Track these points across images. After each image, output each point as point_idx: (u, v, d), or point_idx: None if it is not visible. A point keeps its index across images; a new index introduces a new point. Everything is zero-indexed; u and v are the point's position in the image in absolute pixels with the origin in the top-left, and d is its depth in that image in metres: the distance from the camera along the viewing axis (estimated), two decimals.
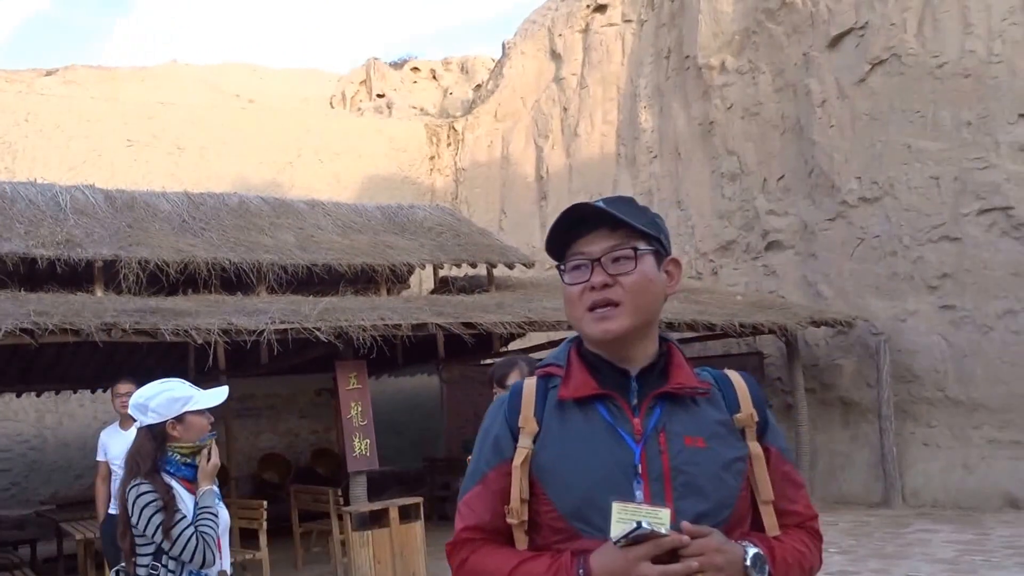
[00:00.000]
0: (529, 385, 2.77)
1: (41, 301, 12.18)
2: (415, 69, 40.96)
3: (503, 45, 32.63)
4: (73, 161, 26.74)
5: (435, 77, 40.49)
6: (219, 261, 15.68)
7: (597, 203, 2.64)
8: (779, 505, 2.68)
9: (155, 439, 5.30)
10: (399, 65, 41.49)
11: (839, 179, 18.93)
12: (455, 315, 14.45)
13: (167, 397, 5.32)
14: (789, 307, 18.59)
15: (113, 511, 10.00)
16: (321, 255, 16.95)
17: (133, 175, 25.60)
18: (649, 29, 25.45)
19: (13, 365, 16.42)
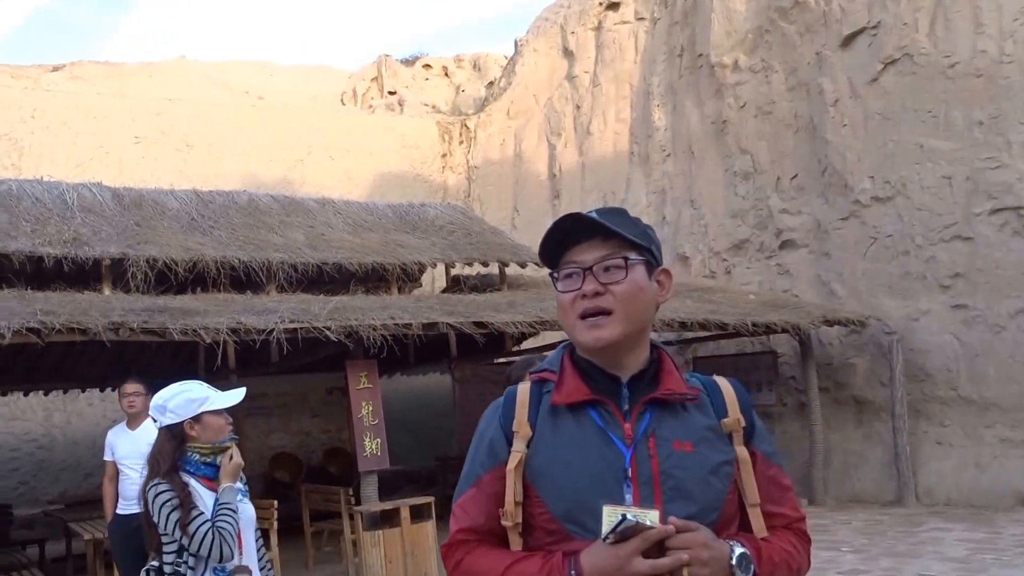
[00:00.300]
0: (523, 390, 2.83)
1: (48, 300, 12.11)
2: (427, 66, 40.75)
3: (515, 42, 32.69)
4: (80, 158, 26.66)
5: (447, 74, 40.32)
6: (228, 260, 15.65)
7: (590, 214, 2.70)
8: (766, 508, 2.75)
9: (174, 439, 5.47)
10: (411, 62, 41.33)
11: (852, 178, 18.91)
12: (466, 314, 14.40)
13: (184, 398, 5.49)
14: (802, 306, 18.55)
15: (121, 511, 10.06)
16: (332, 254, 16.92)
17: (141, 172, 25.47)
18: (662, 27, 25.45)
19: (20, 364, 16.37)
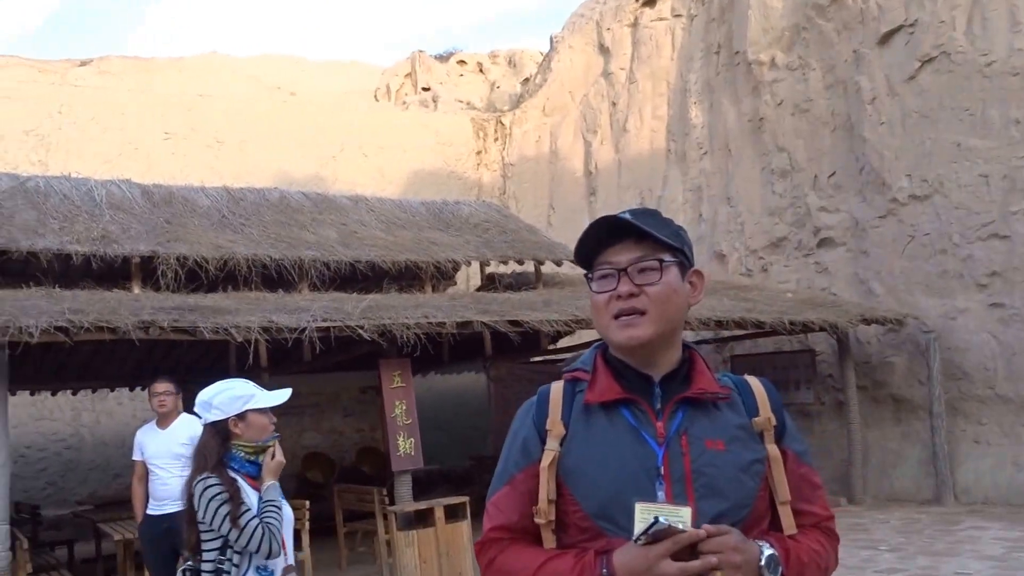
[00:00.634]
0: (556, 389, 2.88)
1: (76, 298, 12.12)
2: (461, 62, 40.60)
3: (551, 39, 32.75)
4: (108, 154, 26.61)
5: (482, 70, 40.11)
6: (260, 258, 15.66)
7: (623, 215, 2.76)
8: (797, 506, 2.80)
9: (218, 435, 5.49)
10: (445, 58, 41.20)
11: (889, 176, 18.84)
12: (501, 313, 14.39)
13: (229, 395, 5.52)
14: (840, 305, 18.51)
15: (152, 512, 10.00)
16: (365, 252, 16.90)
17: (171, 169, 25.27)
18: (699, 24, 25.40)
19: (48, 363, 16.26)
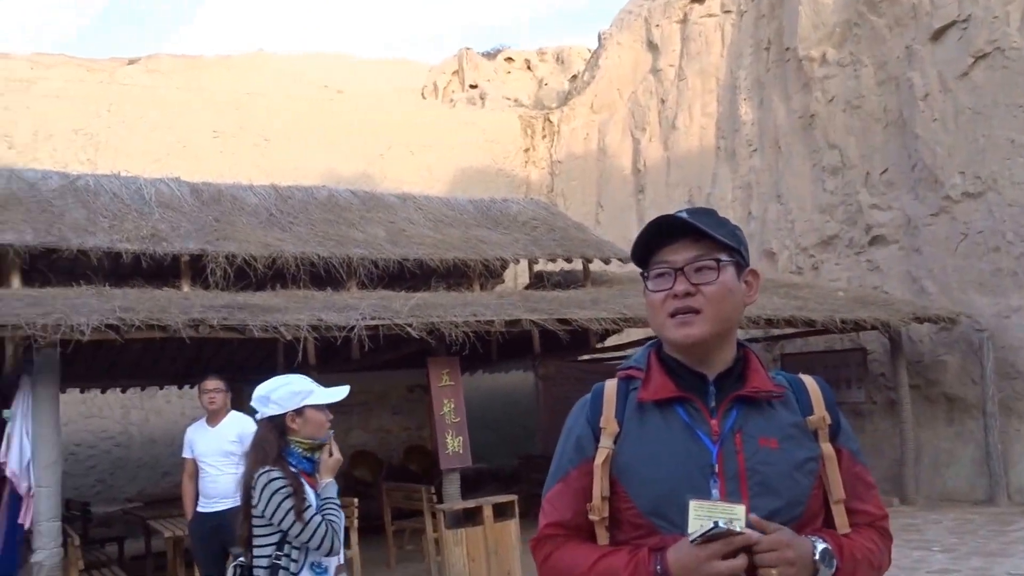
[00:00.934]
0: (610, 387, 2.90)
1: (127, 296, 12.22)
2: (509, 59, 40.43)
3: (599, 36, 32.64)
4: (157, 153, 26.75)
5: (530, 68, 39.93)
6: (308, 256, 15.66)
7: (680, 214, 2.79)
8: (850, 504, 2.81)
9: (276, 430, 5.50)
10: (492, 55, 41.02)
11: (942, 173, 18.66)
12: (549, 311, 14.36)
13: (288, 391, 5.55)
14: (892, 303, 18.36)
15: (202, 509, 10.01)
16: (412, 250, 16.90)
17: (219, 167, 25.37)
18: (749, 20, 25.26)
19: (98, 361, 16.33)
